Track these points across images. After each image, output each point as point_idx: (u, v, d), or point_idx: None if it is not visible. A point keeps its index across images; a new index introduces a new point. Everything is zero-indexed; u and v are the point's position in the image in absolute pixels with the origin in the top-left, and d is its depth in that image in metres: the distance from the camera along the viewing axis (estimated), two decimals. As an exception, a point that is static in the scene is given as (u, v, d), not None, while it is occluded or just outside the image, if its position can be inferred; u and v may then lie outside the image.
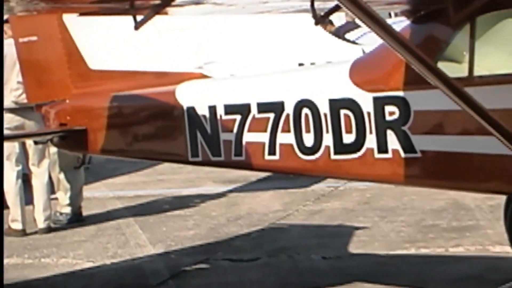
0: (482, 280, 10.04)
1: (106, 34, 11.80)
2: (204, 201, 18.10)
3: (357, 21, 10.23)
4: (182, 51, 12.43)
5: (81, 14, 11.33)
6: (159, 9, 8.98)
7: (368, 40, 15.17)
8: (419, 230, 14.91)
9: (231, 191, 18.66)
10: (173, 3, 9.04)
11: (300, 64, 11.81)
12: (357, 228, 15.25)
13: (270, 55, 11.82)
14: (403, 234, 14.78)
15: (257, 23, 11.55)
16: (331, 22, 10.58)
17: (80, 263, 14.23)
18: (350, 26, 17.23)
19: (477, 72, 9.92)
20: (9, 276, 13.51)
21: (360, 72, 10.78)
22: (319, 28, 10.31)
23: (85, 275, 13.59)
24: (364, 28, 14.92)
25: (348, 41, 16.13)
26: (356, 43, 15.58)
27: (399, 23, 11.00)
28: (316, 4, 9.07)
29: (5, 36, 15.48)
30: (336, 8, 9.09)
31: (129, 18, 9.16)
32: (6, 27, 15.08)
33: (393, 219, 15.78)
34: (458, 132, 9.99)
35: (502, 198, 12.06)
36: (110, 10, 9.28)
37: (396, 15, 13.14)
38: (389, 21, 10.98)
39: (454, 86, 9.19)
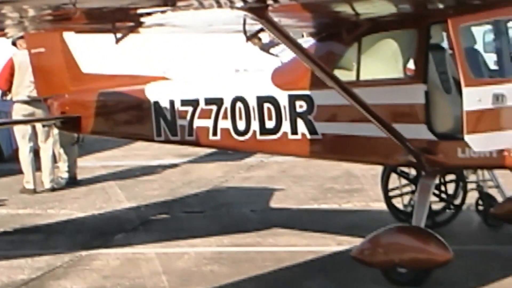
0: (365, 227, 10.12)
1: (95, 47, 11.78)
2: (165, 169, 18.11)
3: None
4: (151, 60, 12.39)
5: (77, 32, 11.35)
6: (133, 29, 8.99)
7: (285, 54, 15.31)
8: (321, 191, 15.00)
9: (185, 162, 18.64)
10: (143, 25, 9.05)
11: (236, 70, 11.79)
12: (276, 190, 15.30)
13: (213, 63, 11.79)
14: (309, 194, 14.86)
15: (205, 40, 11.53)
16: (259, 39, 10.60)
17: (75, 213, 14.22)
18: (273, 43, 17.39)
19: (362, 77, 10.04)
20: (24, 222, 13.69)
21: (279, 76, 10.88)
22: (250, 44, 10.28)
23: (79, 222, 13.59)
24: (283, 45, 15.08)
25: (271, 54, 16.02)
26: (277, 56, 15.50)
27: (308, 42, 11.00)
28: (246, 26, 9.08)
29: (21, 48, 15.54)
30: (261, 30, 9.10)
31: (111, 36, 9.17)
32: (22, 41, 15.12)
33: (302, 183, 15.86)
34: (348, 120, 10.09)
35: (380, 168, 12.21)
36: (97, 29, 9.26)
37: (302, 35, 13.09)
38: (300, 40, 10.95)
39: (345, 87, 9.29)
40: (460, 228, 11.73)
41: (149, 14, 8.34)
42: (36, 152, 16.70)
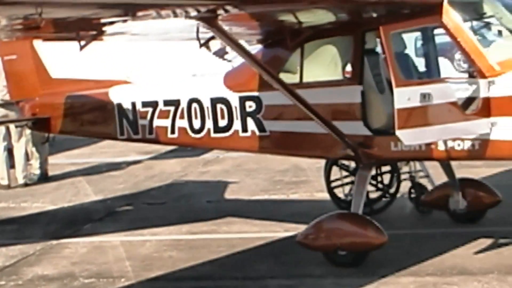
0: (310, 215, 10.13)
1: (62, 54, 11.78)
2: (130, 165, 18.02)
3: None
4: (114, 66, 12.37)
5: (45, 40, 11.35)
6: (95, 37, 9.00)
7: (238, 59, 15.30)
8: (271, 183, 15.04)
9: (148, 159, 18.55)
10: (105, 33, 9.07)
11: (194, 75, 11.82)
12: (231, 182, 15.32)
13: (172, 68, 11.80)
14: (260, 186, 14.90)
15: (163, 47, 11.53)
16: (208, 47, 10.62)
17: (47, 206, 14.15)
18: (224, 50, 17.45)
19: (305, 79, 10.12)
20: (-1, 215, 13.64)
21: (230, 79, 10.93)
22: (204, 50, 10.31)
23: (50, 214, 13.55)
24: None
25: (225, 60, 16.05)
26: (230, 61, 15.53)
27: (256, 48, 11.03)
28: (200, 34, 9.11)
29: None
30: (212, 37, 9.15)
31: (76, 43, 9.18)
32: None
33: (254, 176, 15.88)
34: (293, 118, 10.13)
35: (323, 161, 12.30)
36: (63, 37, 9.25)
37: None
38: (249, 47, 10.99)
39: (290, 89, 9.38)
40: (395, 214, 11.85)
41: (111, 23, 8.37)
42: (10, 151, 16.59)
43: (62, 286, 9.45)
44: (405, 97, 8.55)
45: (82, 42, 9.11)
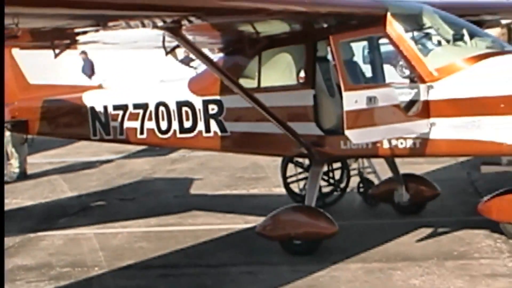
0: (268, 208, 10.13)
1: (38, 62, 11.71)
2: (103, 164, 17.95)
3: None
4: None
5: (22, 48, 11.30)
6: (69, 46, 8.96)
7: (201, 66, 15.27)
8: (233, 180, 15.06)
9: (119, 158, 18.48)
10: (79, 42, 9.03)
11: (161, 80, 11.80)
12: (196, 179, 15.30)
13: (141, 74, 11.77)
14: (223, 182, 14.91)
15: (133, 54, 11.50)
16: (175, 55, 10.60)
17: (26, 202, 14.06)
18: (190, 58, 17.38)
19: (263, 84, 10.14)
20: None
21: (194, 84, 10.94)
22: (171, 57, 10.31)
23: (28, 209, 13.47)
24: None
25: (191, 66, 16.02)
26: (195, 68, 15.50)
27: (218, 56, 11.03)
28: (166, 43, 9.09)
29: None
30: (177, 46, 9.13)
31: (51, 51, 9.13)
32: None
33: (218, 173, 15.87)
34: (252, 120, 10.16)
35: (280, 159, 12.34)
36: (39, 46, 9.20)
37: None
38: (212, 55, 11.00)
39: (248, 93, 9.41)
40: (345, 207, 11.93)
41: (83, 32, 8.34)
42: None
43: (40, 275, 9.39)
44: (353, 100, 8.59)
45: (57, 50, 9.05)
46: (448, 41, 9.57)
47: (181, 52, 10.11)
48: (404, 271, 8.66)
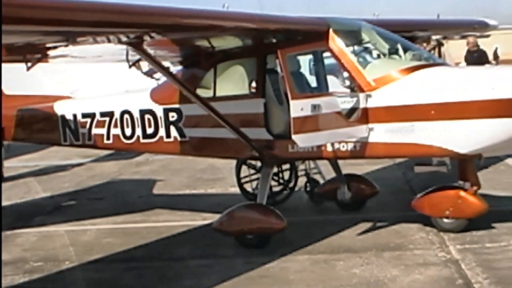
0: (224, 206, 10.08)
1: (13, 75, 11.56)
2: (74, 167, 17.74)
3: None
4: (58, 83, 12.16)
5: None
6: (40, 59, 8.85)
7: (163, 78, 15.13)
8: (192, 180, 14.97)
9: (89, 161, 18.29)
10: (49, 56, 8.93)
11: (127, 91, 11.67)
12: (158, 180, 15.19)
13: (108, 85, 11.65)
14: (183, 183, 14.82)
15: (100, 67, 11.38)
16: (139, 67, 10.51)
17: (3, 202, 13.69)
18: (153, 70, 17.11)
19: (218, 94, 10.12)
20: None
21: (156, 94, 10.89)
22: (135, 70, 10.20)
23: (5, 208, 13.10)
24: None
25: (154, 78, 15.83)
26: (158, 79, 15.34)
27: (177, 68, 10.98)
28: (129, 57, 9.02)
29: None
30: (139, 60, 9.07)
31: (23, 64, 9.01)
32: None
33: (179, 174, 15.78)
34: (208, 126, 10.11)
35: (235, 162, 12.32)
36: (12, 60, 9.06)
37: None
38: (172, 68, 10.95)
39: (205, 102, 9.39)
40: (293, 204, 11.92)
41: (54, 47, 8.25)
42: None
43: (15, 269, 9.25)
44: (299, 107, 8.60)
45: (29, 64, 8.93)
46: (384, 55, 9.66)
47: (145, 65, 10.04)
48: (346, 261, 8.68)
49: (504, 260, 8.40)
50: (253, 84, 10.07)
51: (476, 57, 17.81)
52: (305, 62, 10.11)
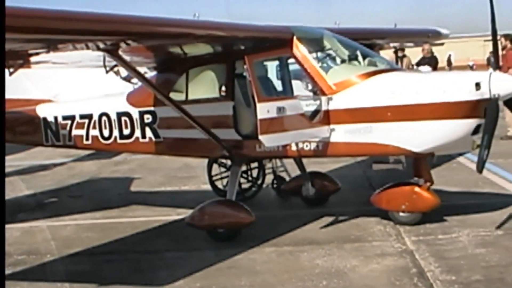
0: (197, 202, 10.03)
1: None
2: (56, 166, 17.59)
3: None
4: (41, 87, 12.05)
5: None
6: (22, 65, 8.78)
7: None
8: (167, 178, 14.88)
9: (70, 161, 18.16)
10: (31, 62, 8.86)
11: (106, 95, 11.59)
12: (136, 178, 15.09)
13: (87, 89, 11.57)
14: (159, 181, 14.73)
15: (80, 73, 11.29)
16: (117, 72, 10.45)
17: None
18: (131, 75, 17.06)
19: (190, 97, 10.10)
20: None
21: (132, 98, 10.81)
22: (113, 75, 10.14)
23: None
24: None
25: (132, 83, 15.74)
26: (135, 84, 15.24)
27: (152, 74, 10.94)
28: (106, 62, 8.95)
29: None
30: (116, 65, 9.00)
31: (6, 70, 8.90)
32: None
33: (155, 173, 15.68)
34: (181, 127, 10.05)
35: (206, 160, 12.28)
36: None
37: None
38: (148, 73, 10.93)
39: (177, 105, 9.37)
40: (261, 200, 11.94)
41: (36, 54, 8.18)
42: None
43: (-1, 262, 9.19)
44: (265, 110, 8.60)
45: (11, 69, 8.85)
46: (344, 61, 9.68)
47: (124, 71, 9.99)
48: (310, 253, 8.69)
49: (454, 250, 8.46)
50: (223, 88, 10.06)
51: (427, 63, 18.20)
52: (271, 67, 10.11)
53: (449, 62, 56.76)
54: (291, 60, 9.62)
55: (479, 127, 8.77)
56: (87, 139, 11.10)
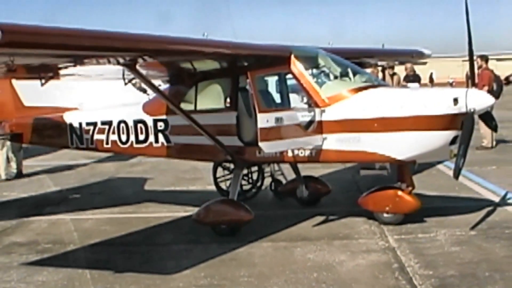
0: (202, 200, 10.01)
1: (30, 89, 11.51)
2: (79, 167, 17.54)
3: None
4: (68, 97, 12.04)
5: (18, 79, 11.11)
6: (52, 77, 8.77)
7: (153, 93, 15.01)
8: (176, 179, 14.77)
9: (92, 162, 18.10)
10: (60, 75, 8.86)
11: (124, 105, 11.56)
12: (149, 178, 14.98)
13: (108, 99, 11.56)
14: (169, 181, 14.61)
15: (102, 84, 11.29)
16: (134, 84, 10.45)
17: (21, 194, 13.65)
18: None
19: (199, 107, 10.06)
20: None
21: (147, 107, 10.78)
22: (130, 86, 10.12)
23: (22, 200, 13.12)
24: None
25: (147, 94, 15.68)
26: (148, 94, 15.17)
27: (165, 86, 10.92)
28: (125, 76, 8.93)
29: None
30: (133, 78, 8.99)
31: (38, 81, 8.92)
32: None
33: (165, 174, 15.57)
34: (190, 134, 10.01)
35: (212, 164, 12.21)
36: (30, 77, 8.99)
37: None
38: (162, 85, 10.91)
39: (187, 114, 9.33)
40: (260, 200, 11.87)
41: (64, 67, 8.20)
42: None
43: (29, 249, 9.21)
44: (265, 120, 8.58)
45: (43, 81, 8.85)
46: (337, 77, 9.65)
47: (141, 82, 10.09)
48: (303, 248, 8.65)
49: (432, 248, 8.40)
50: (228, 100, 10.01)
51: (411, 80, 18.24)
52: (271, 82, 10.07)
53: (431, 79, 56.66)
54: (289, 76, 9.58)
55: (456, 138, 8.73)
56: (107, 143, 11.08)
